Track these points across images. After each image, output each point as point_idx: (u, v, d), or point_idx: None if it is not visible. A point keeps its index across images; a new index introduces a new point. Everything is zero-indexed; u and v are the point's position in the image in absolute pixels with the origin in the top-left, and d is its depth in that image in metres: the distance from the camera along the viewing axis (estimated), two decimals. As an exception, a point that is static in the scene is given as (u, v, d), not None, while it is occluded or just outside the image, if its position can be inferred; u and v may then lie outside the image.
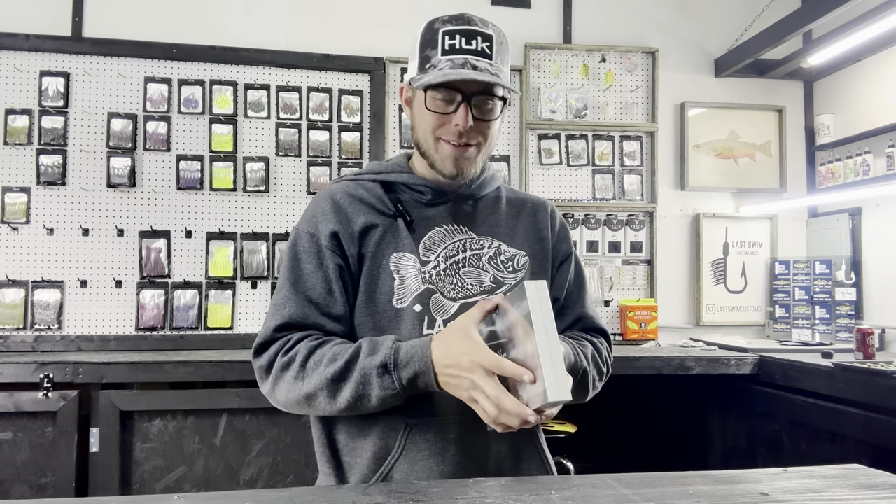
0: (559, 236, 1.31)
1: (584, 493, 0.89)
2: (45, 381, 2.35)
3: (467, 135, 1.13)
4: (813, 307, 3.28)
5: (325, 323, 1.13)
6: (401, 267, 1.17)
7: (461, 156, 1.15)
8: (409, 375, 1.02)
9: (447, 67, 1.10)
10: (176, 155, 3.05)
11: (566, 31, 3.42)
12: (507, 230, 1.25)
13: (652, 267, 3.40)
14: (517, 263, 1.22)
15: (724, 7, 3.55)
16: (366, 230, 1.17)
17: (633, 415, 3.29)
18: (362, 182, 1.23)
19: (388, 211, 1.19)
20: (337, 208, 1.18)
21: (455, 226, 1.22)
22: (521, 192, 1.35)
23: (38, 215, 2.93)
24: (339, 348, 1.07)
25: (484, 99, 1.12)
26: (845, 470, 1.03)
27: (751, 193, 3.53)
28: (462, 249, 1.20)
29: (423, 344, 1.03)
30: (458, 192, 1.23)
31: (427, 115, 1.14)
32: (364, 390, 1.04)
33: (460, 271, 1.18)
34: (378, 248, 1.17)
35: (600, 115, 3.41)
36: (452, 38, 1.12)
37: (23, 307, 2.89)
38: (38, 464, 2.37)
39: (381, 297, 1.15)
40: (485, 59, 1.11)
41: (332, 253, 1.15)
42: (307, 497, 0.87)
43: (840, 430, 2.34)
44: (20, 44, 2.94)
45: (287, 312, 1.13)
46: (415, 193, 1.22)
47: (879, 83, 3.15)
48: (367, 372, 1.03)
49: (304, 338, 1.11)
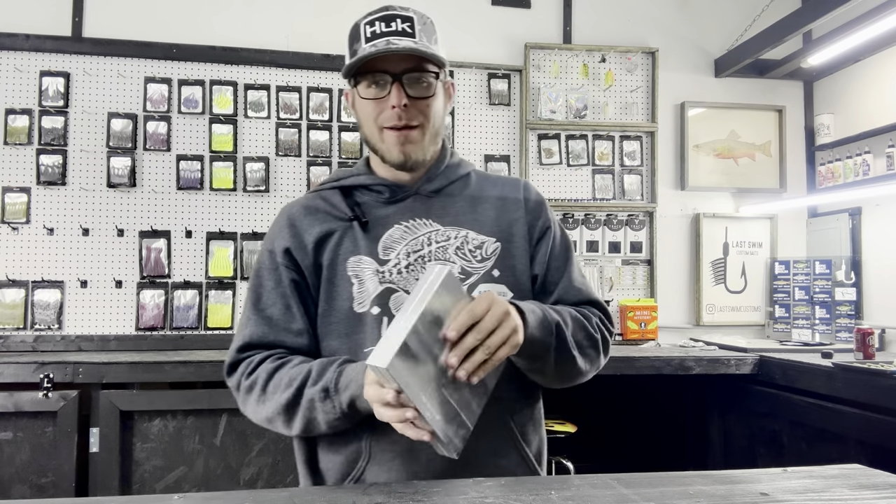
0: (535, 212, 1.26)
1: (584, 493, 0.89)
2: (45, 381, 2.35)
3: (406, 116, 1.12)
4: (813, 307, 3.28)
5: (285, 339, 1.15)
6: (358, 270, 1.15)
7: (405, 140, 1.14)
8: (348, 400, 1.02)
9: (371, 51, 1.10)
10: (176, 155, 3.05)
11: (566, 31, 3.42)
12: (474, 218, 1.21)
13: (652, 267, 3.40)
14: (486, 251, 1.19)
15: (724, 7, 3.55)
16: (322, 240, 1.17)
17: (632, 415, 3.29)
18: (322, 192, 1.24)
19: (343, 216, 1.19)
20: (291, 224, 1.20)
21: (419, 220, 1.19)
22: (493, 176, 1.32)
23: (38, 215, 2.93)
24: (295, 371, 1.08)
25: (415, 77, 1.12)
26: (845, 470, 1.03)
27: (751, 193, 3.53)
28: (427, 243, 1.17)
29: (363, 366, 1.01)
30: (421, 184, 1.21)
31: (365, 106, 1.15)
32: (311, 415, 1.06)
33: (426, 265, 1.16)
34: (335, 255, 1.16)
35: (600, 115, 3.41)
36: (372, 25, 1.13)
37: (23, 307, 2.89)
38: (38, 464, 2.37)
39: (341, 303, 1.14)
40: (406, 37, 1.12)
41: (287, 269, 1.17)
42: (307, 497, 0.87)
43: (840, 430, 2.34)
44: (20, 44, 2.94)
45: (248, 332, 1.16)
46: (374, 194, 1.21)
47: (879, 83, 3.15)
48: (312, 397, 1.04)
49: (266, 358, 1.12)
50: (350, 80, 1.18)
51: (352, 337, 1.13)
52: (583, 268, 3.34)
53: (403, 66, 1.12)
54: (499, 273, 1.17)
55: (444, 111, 1.21)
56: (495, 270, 1.17)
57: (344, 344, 1.14)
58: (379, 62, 1.12)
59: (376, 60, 1.12)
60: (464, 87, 3.31)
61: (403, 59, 1.12)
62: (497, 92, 3.33)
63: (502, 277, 1.17)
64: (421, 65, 1.13)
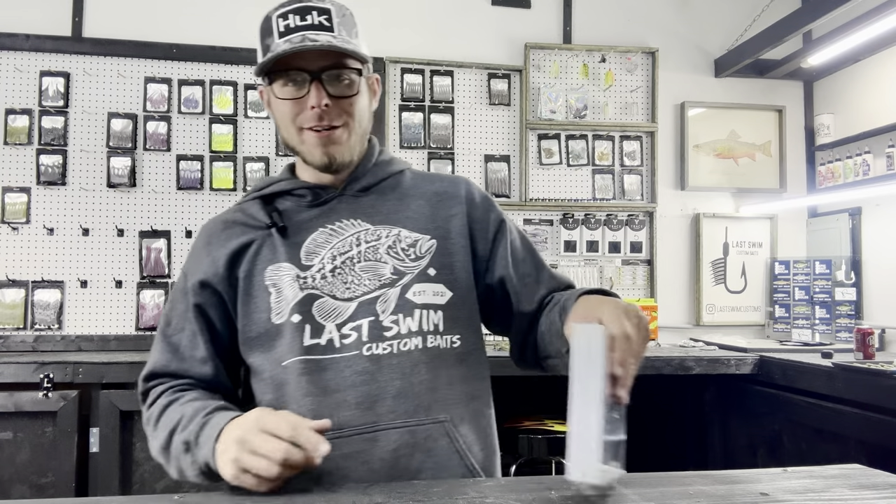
0: (481, 207, 1.19)
1: (584, 493, 0.89)
2: (45, 381, 2.35)
3: (328, 116, 1.06)
4: (813, 307, 3.28)
5: (189, 368, 1.09)
6: (276, 279, 1.08)
7: (328, 140, 1.07)
8: (203, 460, 0.94)
9: (286, 48, 1.03)
10: (176, 155, 3.05)
11: (566, 31, 3.42)
12: (407, 215, 1.14)
13: (652, 267, 3.40)
14: (420, 249, 1.11)
15: (724, 7, 3.55)
16: (238, 253, 1.11)
17: (632, 415, 3.27)
18: (242, 204, 1.18)
19: (261, 225, 1.12)
20: (208, 242, 1.13)
21: (346, 221, 1.12)
22: (431, 173, 1.25)
23: (38, 215, 2.93)
24: (176, 412, 1.01)
25: (336, 74, 1.05)
26: (845, 470, 1.03)
27: (751, 193, 3.53)
28: (356, 244, 1.10)
29: (224, 420, 0.94)
30: (348, 185, 1.14)
31: (282, 106, 1.08)
32: (179, 464, 1.00)
33: (356, 267, 1.08)
34: (253, 266, 1.10)
35: (600, 115, 3.41)
36: (286, 18, 1.05)
37: (23, 307, 2.89)
38: (38, 464, 2.37)
39: (258, 316, 1.08)
40: (324, 31, 1.04)
41: (195, 293, 1.10)
42: (307, 497, 0.87)
43: (840, 430, 2.33)
44: (20, 44, 2.94)
45: (153, 361, 1.11)
46: (296, 199, 1.14)
47: (879, 83, 3.15)
48: (178, 446, 0.98)
49: (167, 390, 1.07)
50: (264, 79, 1.10)
51: (272, 350, 1.07)
52: (579, 266, 3.34)
53: (322, 64, 1.04)
54: (435, 271, 1.11)
55: (369, 109, 1.15)
56: (430, 269, 1.11)
57: (265, 359, 1.08)
58: (294, 60, 1.04)
59: (291, 58, 1.04)
60: (464, 86, 3.31)
61: (321, 55, 1.04)
62: (497, 92, 3.33)
63: (439, 276, 1.11)
64: (341, 61, 1.06)
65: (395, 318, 1.06)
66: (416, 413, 1.04)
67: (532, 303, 1.16)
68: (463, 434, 1.07)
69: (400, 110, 3.25)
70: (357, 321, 1.06)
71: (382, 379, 1.04)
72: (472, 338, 1.13)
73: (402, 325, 1.06)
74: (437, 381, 1.06)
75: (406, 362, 1.05)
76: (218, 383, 1.10)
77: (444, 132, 3.28)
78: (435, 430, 1.04)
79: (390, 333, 1.06)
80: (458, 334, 1.10)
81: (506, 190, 3.32)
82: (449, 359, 1.09)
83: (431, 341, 1.07)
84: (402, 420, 1.03)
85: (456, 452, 1.05)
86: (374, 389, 1.03)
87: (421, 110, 3.27)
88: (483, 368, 1.16)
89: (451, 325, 1.10)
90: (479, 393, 1.14)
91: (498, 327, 1.23)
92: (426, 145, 3.26)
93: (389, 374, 1.04)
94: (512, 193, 3.33)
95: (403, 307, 1.07)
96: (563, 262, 3.34)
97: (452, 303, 1.11)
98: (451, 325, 1.10)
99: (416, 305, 1.07)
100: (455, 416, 1.07)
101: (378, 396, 1.03)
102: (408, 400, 1.04)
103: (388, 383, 1.04)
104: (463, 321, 1.12)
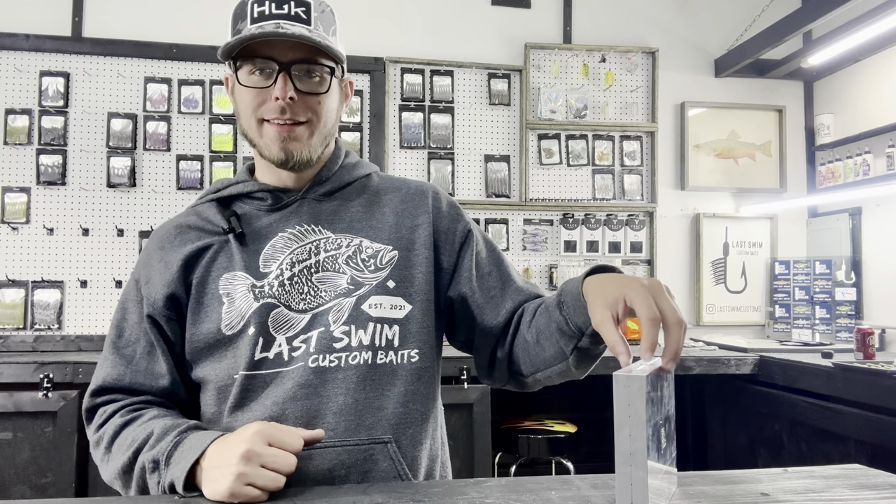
0: (448, 217, 1.14)
1: (584, 493, 0.89)
2: (45, 381, 2.35)
3: (291, 110, 1.01)
4: (813, 307, 3.28)
5: (144, 382, 1.03)
6: (230, 288, 1.02)
7: (288, 136, 1.02)
8: (169, 481, 0.89)
9: (255, 32, 0.98)
10: (176, 155, 3.05)
11: (566, 31, 3.42)
12: (370, 224, 1.09)
13: (652, 267, 3.40)
14: (380, 261, 1.06)
15: (724, 7, 3.55)
16: (191, 259, 1.05)
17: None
18: (197, 206, 1.12)
19: (218, 230, 1.06)
20: (161, 247, 1.08)
21: (307, 227, 1.06)
22: (398, 179, 1.18)
23: (38, 215, 2.93)
24: (139, 430, 0.96)
25: (306, 69, 1.01)
26: (845, 470, 1.02)
27: (751, 193, 3.53)
28: (315, 252, 1.05)
29: (205, 439, 0.89)
30: (310, 189, 1.09)
31: (245, 93, 1.02)
32: (143, 484, 0.94)
33: (313, 277, 1.03)
34: (206, 274, 1.04)
35: (600, 115, 3.41)
36: (262, 4, 1.00)
37: (23, 307, 2.89)
38: (38, 464, 2.37)
39: (208, 326, 1.02)
40: (300, 23, 1.00)
41: (151, 301, 1.04)
42: (308, 497, 0.87)
43: (840, 430, 2.34)
44: (20, 44, 2.94)
45: (102, 374, 1.04)
46: (255, 202, 1.09)
47: (879, 83, 3.15)
48: (143, 465, 0.93)
49: (120, 409, 1.01)
50: (230, 64, 1.03)
51: (219, 362, 1.02)
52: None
53: (293, 56, 1.00)
54: (394, 284, 1.05)
55: (337, 111, 1.09)
56: (390, 281, 1.05)
57: (211, 370, 1.02)
58: (264, 47, 0.99)
59: (261, 45, 0.99)
60: (464, 86, 3.31)
61: (293, 47, 0.99)
62: (497, 92, 3.33)
63: (398, 289, 1.05)
64: (314, 56, 1.01)
65: (347, 330, 1.02)
66: (357, 432, 0.99)
67: (497, 317, 1.10)
68: (408, 456, 1.02)
69: (400, 110, 3.25)
70: (308, 333, 1.01)
71: (325, 393, 0.99)
72: (429, 353, 1.08)
73: (353, 337, 1.02)
74: (384, 400, 1.02)
75: (353, 377, 1.00)
76: (176, 398, 1.05)
77: (444, 132, 3.28)
78: (377, 450, 0.99)
79: (340, 345, 1.01)
80: (417, 349, 1.06)
81: (506, 190, 3.32)
82: (403, 376, 1.04)
83: (381, 357, 1.03)
84: (341, 439, 0.98)
85: (397, 476, 1.00)
86: (316, 404, 0.99)
87: (421, 110, 3.27)
88: (436, 386, 1.12)
89: (408, 339, 1.05)
90: (431, 412, 1.09)
91: (461, 342, 1.18)
92: (426, 145, 3.26)
93: (333, 389, 1.00)
94: (512, 193, 3.33)
95: (357, 319, 1.02)
96: (563, 262, 3.34)
97: (411, 316, 1.06)
98: (409, 340, 1.05)
99: (370, 318, 1.03)
100: (401, 436, 1.02)
101: (318, 412, 0.99)
102: (349, 417, 0.99)
103: (330, 399, 0.99)
104: (422, 335, 1.07)
